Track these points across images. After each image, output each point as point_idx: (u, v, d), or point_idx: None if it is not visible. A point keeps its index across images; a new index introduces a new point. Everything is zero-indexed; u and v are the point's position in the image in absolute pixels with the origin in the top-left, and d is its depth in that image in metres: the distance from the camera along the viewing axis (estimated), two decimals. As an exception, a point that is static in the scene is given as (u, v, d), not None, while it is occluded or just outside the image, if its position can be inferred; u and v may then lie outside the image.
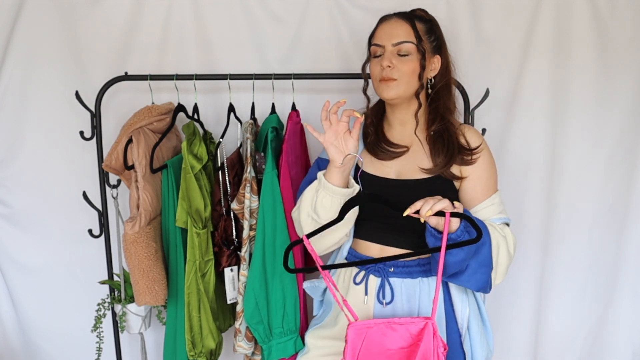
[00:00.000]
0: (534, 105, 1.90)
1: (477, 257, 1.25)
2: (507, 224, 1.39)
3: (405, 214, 1.17)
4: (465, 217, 1.15)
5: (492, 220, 1.34)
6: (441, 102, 1.39)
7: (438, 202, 1.14)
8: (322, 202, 1.29)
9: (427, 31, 1.35)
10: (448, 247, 1.15)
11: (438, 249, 1.17)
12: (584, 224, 1.98)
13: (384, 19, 1.37)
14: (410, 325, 1.17)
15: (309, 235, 1.26)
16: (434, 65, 1.38)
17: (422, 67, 1.33)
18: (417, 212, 1.16)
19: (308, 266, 1.73)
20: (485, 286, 1.29)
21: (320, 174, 1.31)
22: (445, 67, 1.39)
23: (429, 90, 1.39)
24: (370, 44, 1.39)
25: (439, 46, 1.38)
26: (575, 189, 1.95)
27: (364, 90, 1.45)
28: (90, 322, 1.85)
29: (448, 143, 1.36)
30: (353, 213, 1.33)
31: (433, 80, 1.39)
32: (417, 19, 1.35)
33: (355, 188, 1.30)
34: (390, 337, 1.18)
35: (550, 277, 2.02)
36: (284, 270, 1.54)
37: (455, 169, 1.36)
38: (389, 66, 1.31)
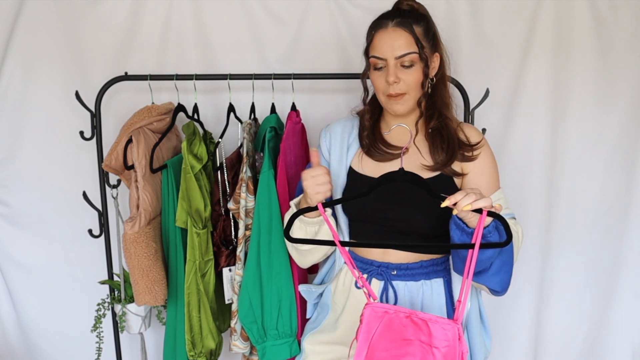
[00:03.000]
0: (534, 105, 1.90)
1: (501, 256, 1.20)
2: (514, 219, 1.36)
3: (443, 205, 1.12)
4: (500, 219, 1.10)
5: None
6: (437, 96, 1.36)
7: (481, 199, 1.09)
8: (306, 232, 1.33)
9: (424, 32, 1.30)
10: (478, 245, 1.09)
11: (465, 246, 1.13)
12: (584, 223, 1.98)
13: (379, 27, 1.30)
14: (434, 324, 1.12)
15: (325, 205, 1.23)
16: (434, 64, 1.35)
17: (426, 76, 1.30)
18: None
19: (301, 269, 1.71)
20: (507, 286, 1.25)
21: (298, 215, 1.27)
22: (441, 61, 1.37)
23: (428, 90, 1.35)
24: (368, 55, 1.33)
25: (436, 43, 1.34)
26: (575, 188, 1.95)
27: (364, 101, 1.42)
28: (90, 322, 1.85)
29: (448, 139, 1.33)
30: (327, 235, 1.33)
31: (434, 79, 1.36)
32: (413, 19, 1.29)
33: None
34: (411, 328, 1.14)
35: (551, 276, 2.02)
36: (280, 270, 1.53)
37: (456, 166, 1.34)
38: (396, 82, 1.28)
